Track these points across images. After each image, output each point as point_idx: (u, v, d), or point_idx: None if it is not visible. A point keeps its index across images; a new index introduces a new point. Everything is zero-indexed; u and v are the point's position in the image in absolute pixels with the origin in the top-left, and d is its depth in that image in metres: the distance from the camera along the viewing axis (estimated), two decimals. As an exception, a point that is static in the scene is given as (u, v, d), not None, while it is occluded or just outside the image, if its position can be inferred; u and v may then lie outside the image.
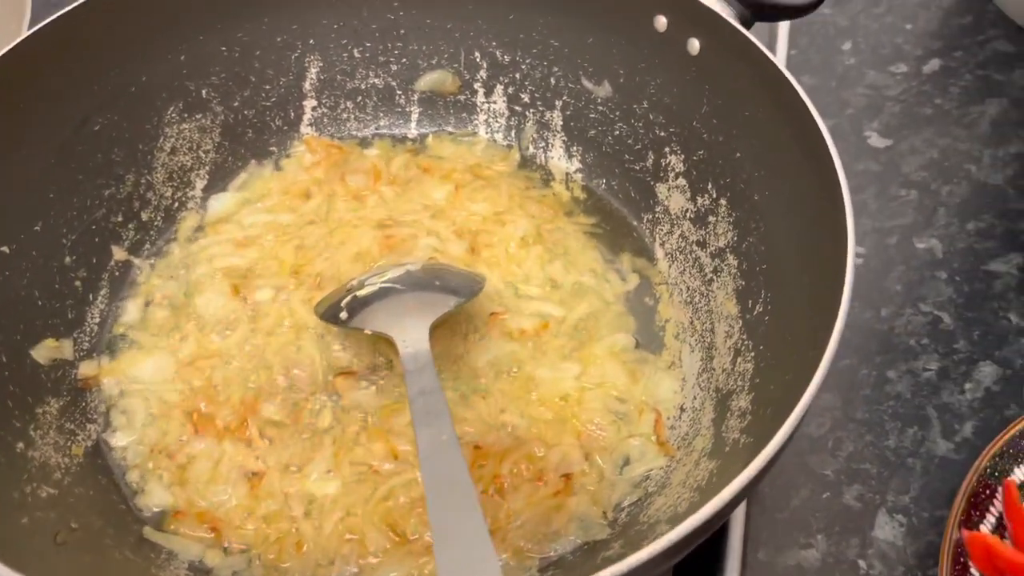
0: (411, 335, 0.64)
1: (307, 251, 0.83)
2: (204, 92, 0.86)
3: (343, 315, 0.68)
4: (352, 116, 0.94)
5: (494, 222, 0.85)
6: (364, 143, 0.93)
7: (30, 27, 0.82)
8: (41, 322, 0.73)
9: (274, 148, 0.92)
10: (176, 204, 0.86)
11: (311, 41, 0.90)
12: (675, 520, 0.58)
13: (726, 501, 0.46)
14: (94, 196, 0.80)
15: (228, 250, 0.83)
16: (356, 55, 0.91)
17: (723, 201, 0.77)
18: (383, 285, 0.70)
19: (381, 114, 0.94)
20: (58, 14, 0.73)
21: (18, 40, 0.71)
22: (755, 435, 0.60)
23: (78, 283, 0.77)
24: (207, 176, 0.88)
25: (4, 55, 0.70)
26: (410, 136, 0.94)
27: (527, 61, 0.90)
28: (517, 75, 0.91)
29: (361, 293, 0.70)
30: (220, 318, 0.78)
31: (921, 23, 1.07)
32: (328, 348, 0.76)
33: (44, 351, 0.72)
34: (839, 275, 0.56)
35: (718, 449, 0.63)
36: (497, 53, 0.91)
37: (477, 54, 0.91)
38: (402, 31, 0.91)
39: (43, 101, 0.74)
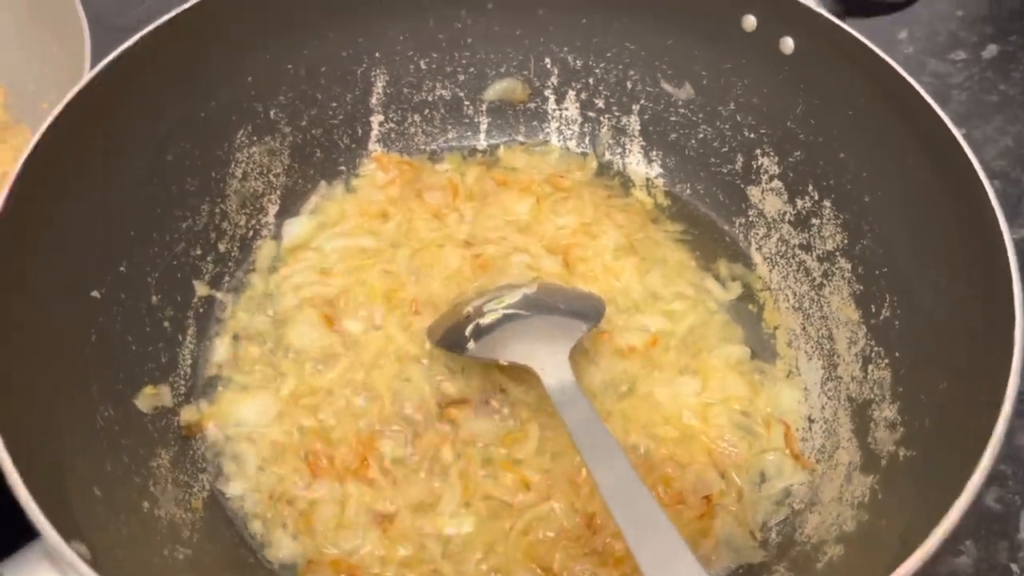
0: (551, 365, 0.61)
1: (395, 275, 0.80)
2: (272, 113, 0.83)
3: (470, 345, 0.66)
4: (420, 130, 0.90)
5: (583, 234, 0.83)
6: (434, 157, 0.90)
7: (92, 61, 0.77)
8: (138, 368, 0.69)
9: (343, 167, 0.88)
10: (251, 232, 0.83)
11: (377, 54, 0.86)
12: (846, 540, 0.57)
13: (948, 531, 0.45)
14: (172, 230, 0.76)
15: (312, 278, 0.80)
16: (423, 66, 0.88)
17: (827, 203, 0.76)
18: (506, 311, 0.67)
19: (449, 126, 0.91)
20: (122, 49, 0.68)
21: (85, 80, 0.67)
22: (917, 448, 0.59)
23: (166, 323, 0.73)
24: (279, 201, 0.84)
25: (74, 97, 0.65)
26: (480, 147, 0.91)
27: (601, 65, 0.87)
28: (590, 80, 0.88)
29: (484, 321, 0.67)
30: (316, 351, 0.75)
31: (972, 9, 1.07)
32: (435, 377, 0.73)
33: (145, 399, 0.68)
34: (1001, 270, 0.55)
35: (872, 463, 0.62)
36: (569, 58, 0.88)
37: (547, 60, 0.89)
38: (469, 40, 0.88)
39: (115, 139, 0.70)
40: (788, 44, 0.76)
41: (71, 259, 0.65)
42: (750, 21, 0.77)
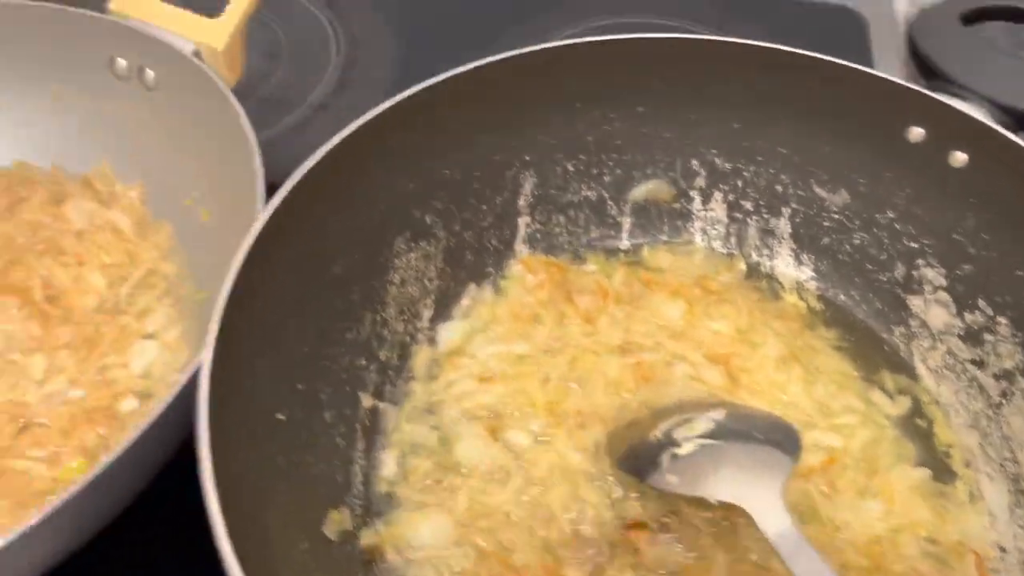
0: (767, 507, 0.60)
1: (554, 384, 0.79)
2: (428, 218, 0.82)
3: (670, 478, 0.65)
4: (564, 230, 0.90)
5: (741, 342, 0.82)
6: (577, 257, 0.90)
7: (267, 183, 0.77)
8: (323, 492, 0.68)
9: (491, 269, 0.88)
10: (408, 338, 0.82)
11: (527, 157, 0.86)
12: None
13: None
14: (339, 343, 0.75)
15: (472, 387, 0.79)
16: (570, 168, 0.88)
17: (1003, 320, 0.75)
18: (703, 442, 0.66)
19: (592, 226, 0.91)
20: (299, 176, 0.68)
21: (276, 202, 0.67)
22: None
23: (339, 440, 0.73)
24: (433, 305, 0.84)
25: (269, 219, 0.66)
26: (622, 247, 0.91)
27: (751, 168, 0.87)
28: (739, 182, 0.88)
29: (682, 452, 0.66)
30: (485, 466, 0.74)
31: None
32: (611, 496, 0.72)
33: (332, 525, 0.67)
34: None
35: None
36: (717, 161, 0.88)
37: (695, 162, 0.88)
38: (617, 142, 0.88)
39: (295, 258, 0.69)
40: (959, 158, 0.75)
41: (260, 384, 0.65)
42: (917, 133, 0.77)
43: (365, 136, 0.73)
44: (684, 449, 0.67)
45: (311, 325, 0.72)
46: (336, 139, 0.72)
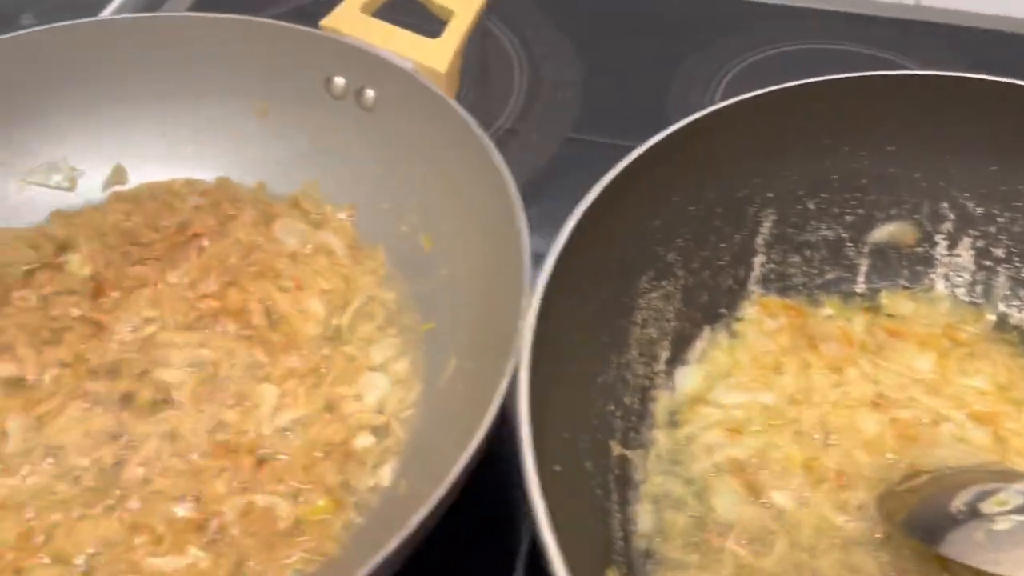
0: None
1: (807, 439, 0.75)
2: (670, 256, 0.79)
3: (991, 555, 0.60)
4: (799, 271, 0.86)
5: (1004, 400, 0.77)
6: (811, 300, 0.85)
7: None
8: (595, 548, 0.65)
9: (724, 310, 0.84)
10: (647, 382, 0.78)
11: (769, 194, 0.82)
12: None
13: None
14: (591, 387, 0.72)
15: (720, 438, 0.75)
16: (811, 207, 0.84)
17: None
18: (1019, 518, 0.61)
19: (827, 267, 0.86)
20: (578, 216, 0.65)
21: (557, 253, 0.64)
22: None
23: (598, 491, 0.69)
24: (669, 347, 0.80)
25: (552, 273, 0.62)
26: (857, 291, 0.86)
27: (1006, 215, 0.82)
28: (991, 228, 0.83)
29: (999, 528, 0.61)
30: (747, 527, 0.70)
31: None
32: (881, 563, 0.68)
33: (609, 586, 0.63)
34: None
35: None
36: (969, 205, 0.83)
37: (945, 205, 0.83)
38: (863, 181, 0.83)
39: (570, 303, 0.66)
40: None
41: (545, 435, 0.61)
42: None
43: (625, 176, 0.70)
44: (1001, 526, 0.62)
45: (576, 368, 0.69)
46: (604, 181, 0.69)
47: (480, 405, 0.65)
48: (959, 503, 0.65)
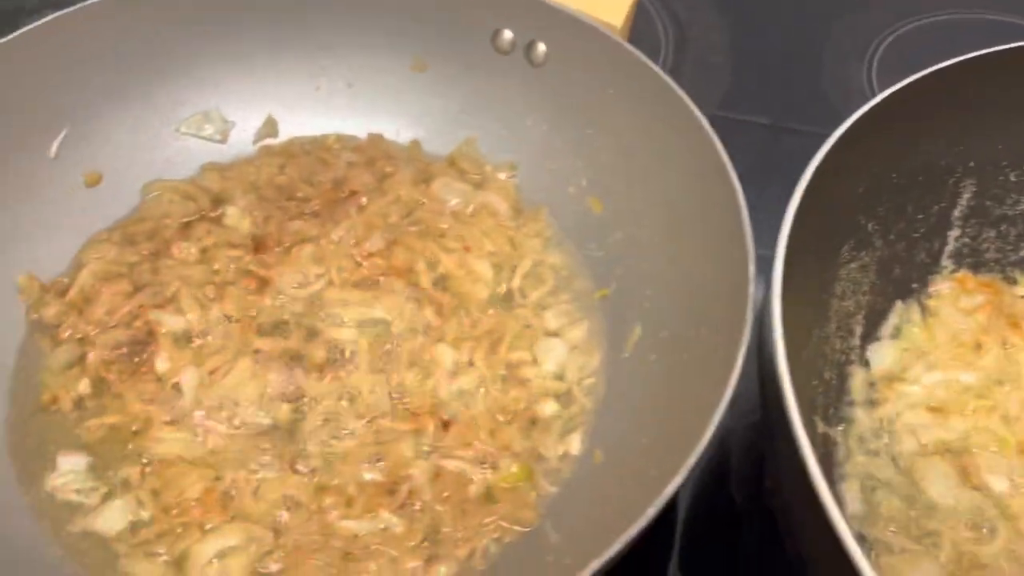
0: None
1: (1019, 422, 0.71)
2: (870, 226, 0.74)
3: None
4: (992, 246, 0.81)
5: None
6: (1005, 277, 0.81)
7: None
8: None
9: (915, 285, 0.79)
10: (843, 358, 0.74)
11: (971, 163, 0.77)
12: None
13: None
14: (794, 363, 0.68)
15: (924, 419, 0.71)
16: (1012, 179, 0.79)
17: None
18: None
19: (1022, 244, 0.81)
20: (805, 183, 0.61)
21: (790, 221, 0.60)
22: None
23: (809, 470, 0.65)
24: (863, 322, 0.76)
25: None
26: (1052, 269, 0.81)
27: None
28: None
29: None
30: (963, 512, 0.66)
31: None
32: (1112, 557, 0.63)
33: None
34: None
35: None
36: None
37: None
38: (1070, 153, 0.78)
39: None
40: None
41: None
42: None
43: (838, 147, 0.66)
44: None
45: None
46: (822, 151, 0.64)
47: (692, 376, 0.62)
48: None
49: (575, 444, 0.70)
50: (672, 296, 0.72)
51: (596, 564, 0.47)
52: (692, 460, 0.51)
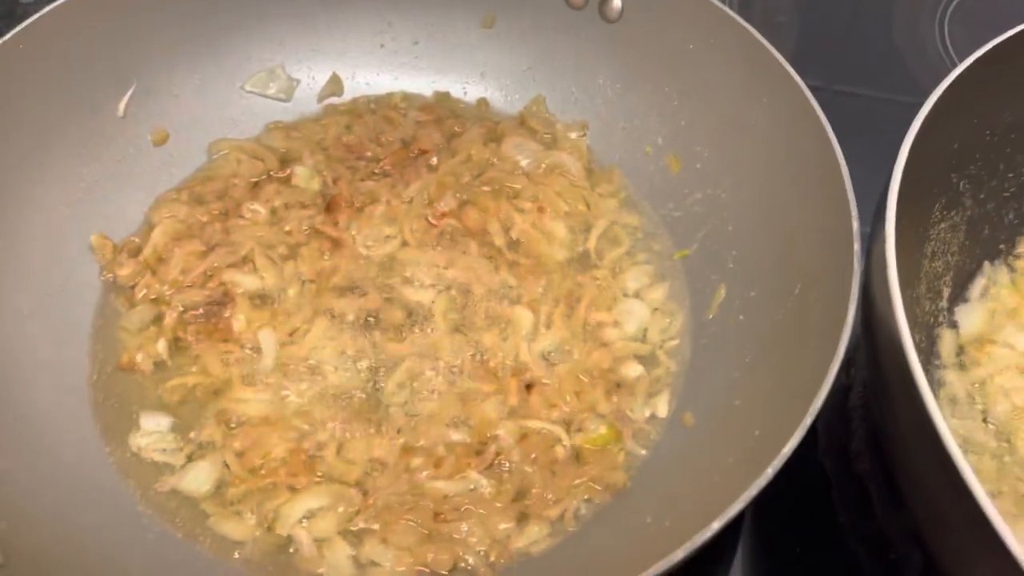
0: None
1: (1115, 385, 0.69)
2: (962, 184, 0.72)
3: None
4: (1080, 206, 0.79)
5: None
6: (1093, 238, 0.79)
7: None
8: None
9: (1002, 246, 0.78)
10: (931, 320, 0.73)
11: (1064, 121, 0.75)
12: None
13: None
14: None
15: (1017, 381, 0.70)
16: (1103, 136, 0.76)
17: None
18: None
19: (1111, 203, 0.79)
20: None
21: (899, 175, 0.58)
22: None
23: (906, 432, 0.64)
24: (951, 283, 0.74)
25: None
26: None
27: None
28: None
29: None
30: (1061, 475, 0.65)
31: None
32: None
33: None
34: None
35: None
36: None
37: None
38: None
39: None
40: None
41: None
42: None
43: (938, 106, 0.64)
44: None
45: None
46: (924, 110, 0.62)
47: (789, 333, 0.61)
48: None
49: (662, 406, 0.69)
50: (762, 255, 0.70)
51: (717, 524, 0.46)
52: (809, 419, 0.50)
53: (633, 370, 0.71)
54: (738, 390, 0.65)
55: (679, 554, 0.46)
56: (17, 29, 0.72)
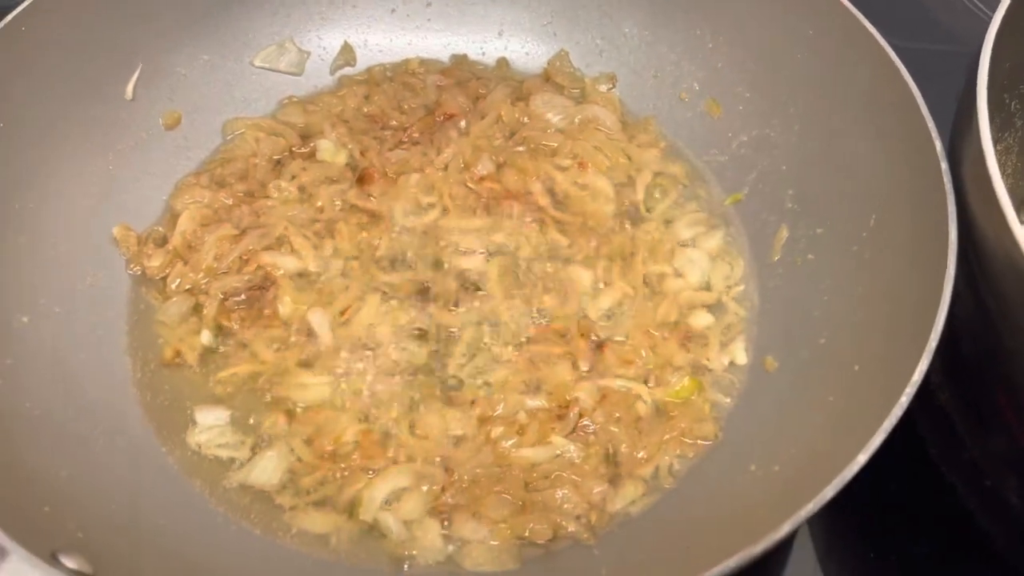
0: None
1: None
2: (1012, 105, 0.71)
3: None
4: None
5: None
6: None
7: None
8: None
9: (1052, 167, 0.77)
10: (994, 244, 0.72)
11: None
12: None
13: None
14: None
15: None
16: None
17: None
18: None
19: None
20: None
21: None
22: None
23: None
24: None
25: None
26: None
27: None
28: None
29: None
30: None
31: None
32: None
33: None
34: None
35: None
36: None
37: None
38: None
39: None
40: None
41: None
42: None
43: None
44: None
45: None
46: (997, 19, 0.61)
47: (874, 265, 0.59)
48: None
49: (739, 353, 0.67)
50: (824, 192, 0.68)
51: (863, 457, 0.44)
52: (934, 341, 0.49)
53: (703, 319, 0.69)
54: (821, 328, 0.63)
55: (828, 492, 0.44)
56: (14, 12, 0.67)
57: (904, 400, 0.47)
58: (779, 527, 0.43)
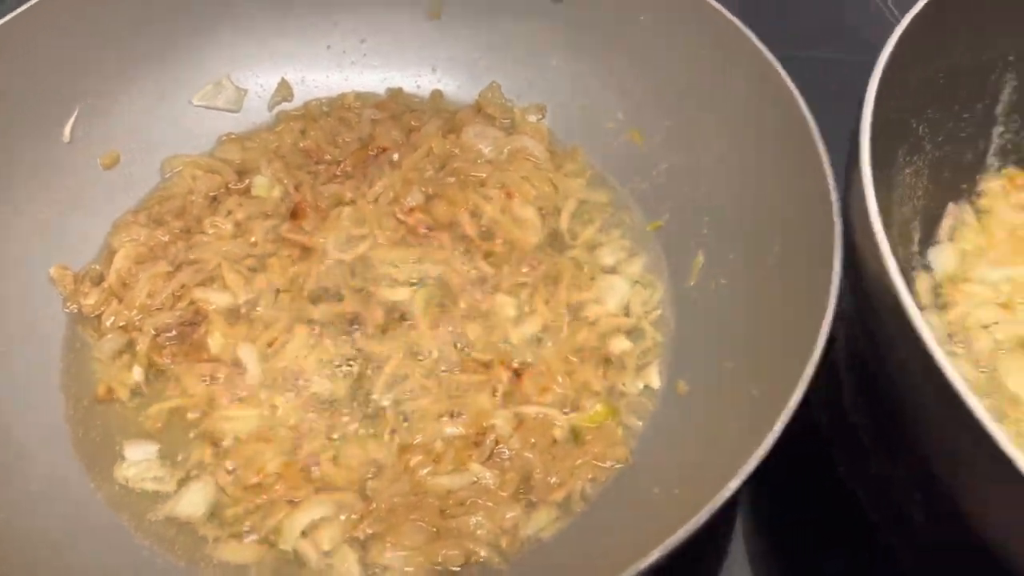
0: None
1: (1087, 309, 0.71)
2: (921, 129, 0.74)
3: None
4: (1035, 140, 0.81)
5: None
6: (1050, 171, 0.81)
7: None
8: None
9: (964, 185, 0.79)
10: (905, 264, 0.74)
11: (1011, 57, 0.77)
12: None
13: None
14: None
15: (995, 314, 0.71)
16: (1051, 70, 0.78)
17: None
18: None
19: (1063, 135, 0.81)
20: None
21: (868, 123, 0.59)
22: None
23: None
24: (919, 227, 0.76)
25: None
26: (1095, 159, 0.81)
27: None
28: None
29: None
30: (1045, 402, 0.66)
31: None
32: None
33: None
34: None
35: None
36: None
37: None
38: (1107, 38, 0.78)
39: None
40: None
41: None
42: None
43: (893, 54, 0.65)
44: None
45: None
46: (885, 53, 0.63)
47: (773, 291, 0.61)
48: None
49: (654, 377, 0.69)
50: (736, 219, 0.70)
51: (735, 483, 0.46)
52: (810, 370, 0.50)
53: (620, 344, 0.71)
54: (729, 353, 0.65)
55: (702, 516, 0.46)
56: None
57: (778, 427, 0.49)
58: (649, 554, 0.45)
